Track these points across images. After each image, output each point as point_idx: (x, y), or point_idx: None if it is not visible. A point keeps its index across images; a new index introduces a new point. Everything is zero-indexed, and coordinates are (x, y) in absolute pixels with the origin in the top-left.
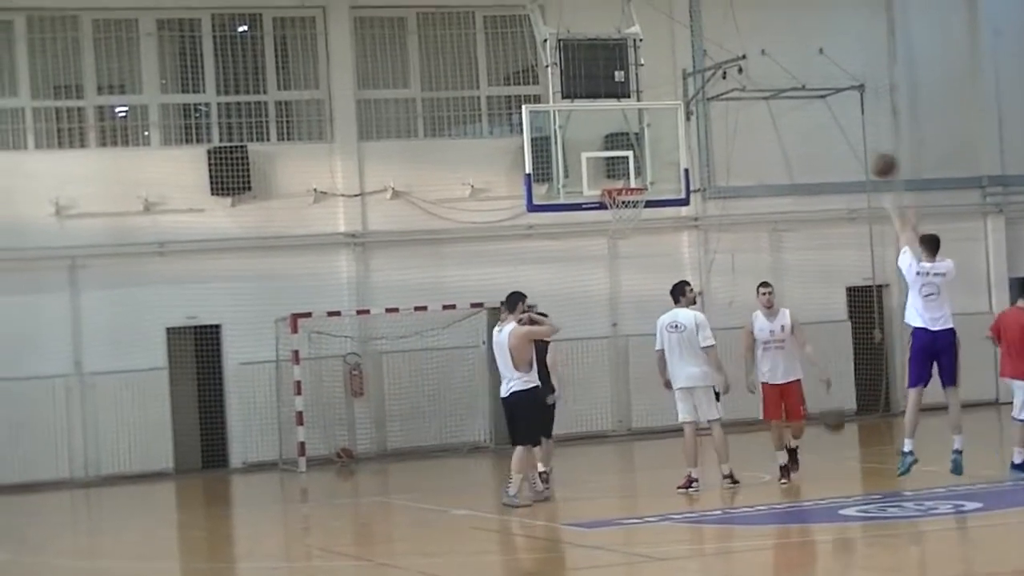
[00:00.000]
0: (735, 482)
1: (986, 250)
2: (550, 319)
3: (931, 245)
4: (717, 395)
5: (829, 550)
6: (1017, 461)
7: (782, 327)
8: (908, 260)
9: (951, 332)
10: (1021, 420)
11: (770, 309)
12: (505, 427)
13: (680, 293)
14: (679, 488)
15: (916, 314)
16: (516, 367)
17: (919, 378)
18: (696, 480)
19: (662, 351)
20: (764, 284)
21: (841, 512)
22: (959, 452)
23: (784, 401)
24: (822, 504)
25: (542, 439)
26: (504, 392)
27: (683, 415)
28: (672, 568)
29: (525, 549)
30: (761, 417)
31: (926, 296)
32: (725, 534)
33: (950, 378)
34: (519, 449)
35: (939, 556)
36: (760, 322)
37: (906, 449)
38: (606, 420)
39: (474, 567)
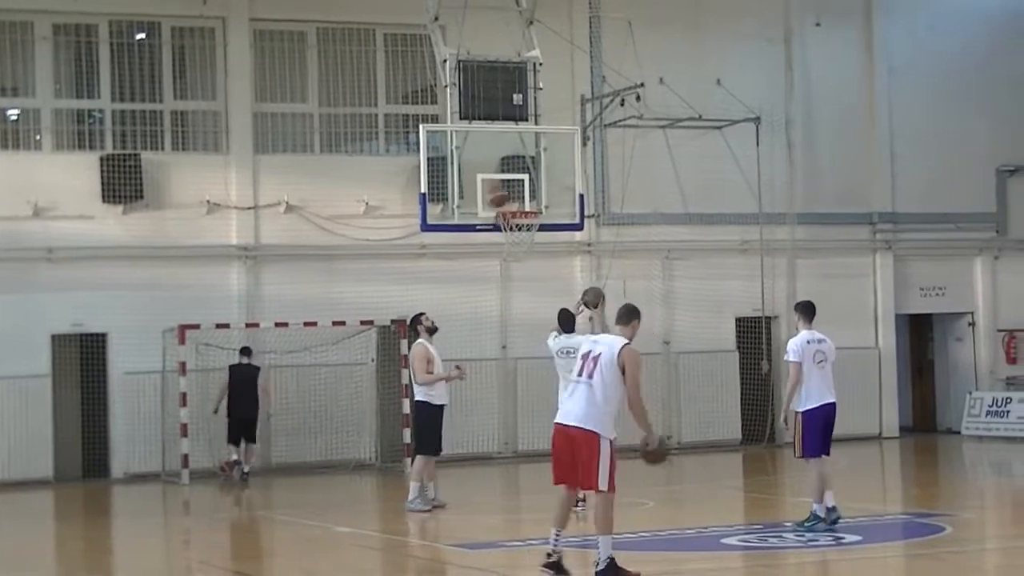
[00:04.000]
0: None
1: (874, 286)
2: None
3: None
4: None
5: None
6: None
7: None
8: None
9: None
10: None
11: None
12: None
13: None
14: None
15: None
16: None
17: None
18: (583, 499)
19: None
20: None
21: (723, 541)
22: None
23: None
24: (704, 532)
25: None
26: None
27: None
28: None
29: (406, 569)
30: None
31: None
32: None
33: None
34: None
35: None
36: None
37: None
38: (492, 442)
39: None
